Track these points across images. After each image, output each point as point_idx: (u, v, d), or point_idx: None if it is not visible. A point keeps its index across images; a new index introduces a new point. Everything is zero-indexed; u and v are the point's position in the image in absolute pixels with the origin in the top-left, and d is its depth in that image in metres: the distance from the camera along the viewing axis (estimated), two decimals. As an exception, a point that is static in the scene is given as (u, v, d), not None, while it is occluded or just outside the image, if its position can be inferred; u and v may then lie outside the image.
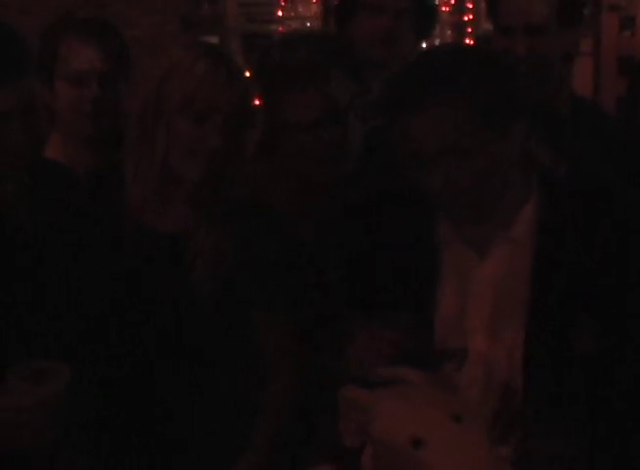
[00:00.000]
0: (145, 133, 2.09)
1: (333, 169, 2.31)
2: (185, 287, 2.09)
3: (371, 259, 1.98)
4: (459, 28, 5.65)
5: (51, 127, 2.60)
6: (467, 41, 5.48)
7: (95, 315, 2.10)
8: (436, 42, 3.20)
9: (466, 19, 5.79)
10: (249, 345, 2.14)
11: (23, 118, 1.92)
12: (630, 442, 1.76)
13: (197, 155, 2.05)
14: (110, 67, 2.58)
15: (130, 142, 2.13)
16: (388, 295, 1.91)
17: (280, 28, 5.80)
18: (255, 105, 3.14)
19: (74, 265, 2.09)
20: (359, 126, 2.42)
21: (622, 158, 2.56)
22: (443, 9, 6.09)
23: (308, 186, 2.33)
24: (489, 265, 1.86)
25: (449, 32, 5.60)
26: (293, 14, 5.81)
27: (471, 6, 5.71)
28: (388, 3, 2.85)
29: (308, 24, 5.70)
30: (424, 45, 3.21)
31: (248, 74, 6.12)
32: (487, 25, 2.85)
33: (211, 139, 2.05)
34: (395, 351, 1.85)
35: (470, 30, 5.66)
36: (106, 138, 2.58)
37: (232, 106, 2.06)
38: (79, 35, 2.57)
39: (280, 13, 5.82)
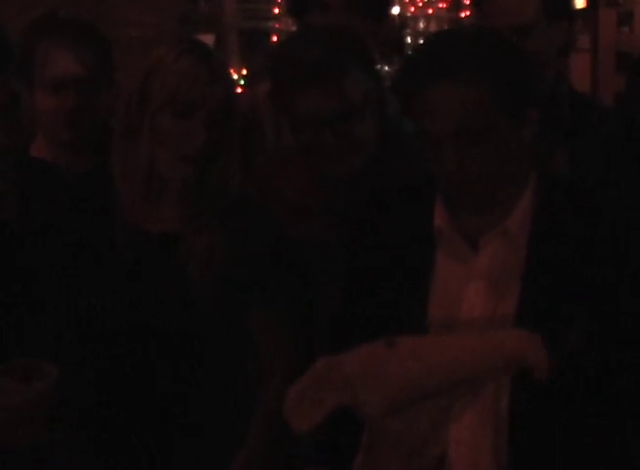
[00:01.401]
0: (130, 131, 2.07)
1: (348, 165, 2.29)
2: (180, 287, 2.08)
3: (370, 258, 1.95)
4: (456, 25, 5.64)
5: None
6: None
7: (91, 315, 2.10)
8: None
9: (463, 15, 5.79)
10: (246, 343, 2.14)
11: (1, 115, 1.90)
12: (630, 442, 1.76)
13: (181, 151, 2.05)
14: (89, 73, 2.43)
15: (116, 141, 2.11)
16: (384, 291, 1.89)
17: (277, 25, 5.80)
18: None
19: (67, 266, 2.08)
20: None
21: (620, 154, 2.56)
22: (440, 5, 6.10)
23: (323, 180, 2.31)
24: (482, 258, 1.84)
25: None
26: (289, 11, 5.80)
27: (467, 2, 5.71)
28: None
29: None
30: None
31: (245, 72, 6.10)
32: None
33: (196, 135, 2.04)
34: None
35: (467, 27, 5.65)
36: (89, 143, 2.49)
37: (216, 102, 2.04)
38: (56, 40, 2.43)
39: (276, 10, 5.83)
